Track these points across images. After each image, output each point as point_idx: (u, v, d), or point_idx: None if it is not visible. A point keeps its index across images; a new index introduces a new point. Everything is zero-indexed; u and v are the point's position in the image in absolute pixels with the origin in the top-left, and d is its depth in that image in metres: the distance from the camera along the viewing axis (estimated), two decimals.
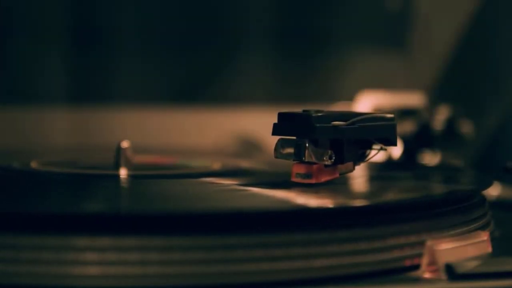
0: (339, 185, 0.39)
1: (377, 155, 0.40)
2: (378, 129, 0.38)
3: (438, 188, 0.44)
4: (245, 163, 0.51)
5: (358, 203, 0.36)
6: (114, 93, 0.74)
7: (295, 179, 0.38)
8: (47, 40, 0.72)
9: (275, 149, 0.38)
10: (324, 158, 0.37)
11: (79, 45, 0.73)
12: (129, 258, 0.29)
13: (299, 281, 0.30)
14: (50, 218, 0.30)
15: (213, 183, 0.41)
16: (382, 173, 0.49)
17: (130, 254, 0.29)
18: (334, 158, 0.37)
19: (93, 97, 0.73)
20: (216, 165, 0.48)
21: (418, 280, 0.31)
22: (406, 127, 0.57)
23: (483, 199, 0.40)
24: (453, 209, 0.36)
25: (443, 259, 0.32)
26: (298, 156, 0.37)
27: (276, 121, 0.38)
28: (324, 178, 0.38)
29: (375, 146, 0.39)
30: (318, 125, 0.36)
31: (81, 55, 0.73)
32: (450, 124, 0.58)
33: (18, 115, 0.71)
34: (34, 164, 0.48)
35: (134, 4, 0.75)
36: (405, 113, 0.59)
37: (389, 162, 0.55)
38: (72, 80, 0.72)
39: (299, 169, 0.37)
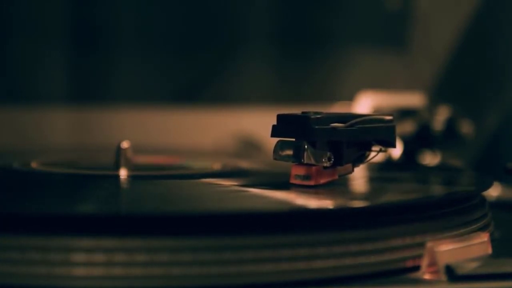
0: (339, 186, 0.39)
1: (376, 156, 0.40)
2: (377, 131, 0.38)
3: (438, 189, 0.44)
4: (245, 164, 0.51)
5: (358, 204, 0.36)
6: (114, 93, 0.74)
7: (294, 181, 0.38)
8: (47, 40, 0.72)
9: (274, 151, 0.38)
10: (323, 160, 0.37)
11: (79, 45, 0.73)
12: (126, 259, 0.29)
13: (298, 282, 0.30)
14: (50, 219, 0.30)
15: (212, 184, 0.41)
16: (382, 174, 0.49)
17: (129, 255, 0.29)
18: (333, 160, 0.37)
19: (93, 97, 0.73)
20: (216, 166, 0.48)
21: (418, 281, 0.31)
22: (406, 127, 0.57)
23: (483, 200, 0.40)
24: (453, 210, 0.36)
25: (443, 260, 0.32)
26: (297, 158, 0.37)
27: (275, 122, 0.38)
28: (323, 180, 0.38)
29: (374, 148, 0.39)
30: (316, 127, 0.36)
31: (81, 55, 0.73)
32: (450, 124, 0.58)
33: (18, 115, 0.71)
34: (34, 164, 0.48)
35: (134, 4, 0.75)
36: (405, 113, 0.58)
37: (389, 163, 0.55)
38: (72, 80, 0.73)
39: (298, 170, 0.37)
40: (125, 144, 0.45)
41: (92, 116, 0.73)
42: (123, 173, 0.44)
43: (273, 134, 0.38)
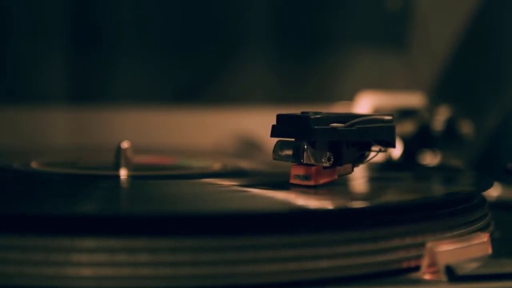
0: (339, 186, 0.39)
1: (376, 156, 0.40)
2: (377, 131, 0.38)
3: (438, 189, 0.44)
4: (245, 164, 0.51)
5: (358, 204, 0.36)
6: (114, 93, 0.74)
7: (293, 181, 0.38)
8: (47, 40, 0.72)
9: (274, 151, 0.38)
10: (323, 160, 0.37)
11: (79, 45, 0.73)
12: (127, 259, 0.29)
13: (298, 283, 0.30)
14: (51, 219, 0.30)
15: (212, 184, 0.41)
16: (382, 174, 0.49)
17: (128, 256, 0.29)
18: (332, 160, 0.37)
19: (93, 97, 0.73)
20: (216, 166, 0.48)
21: (418, 281, 0.31)
22: (406, 127, 0.57)
23: (483, 200, 0.40)
24: (453, 211, 0.36)
25: (443, 261, 0.32)
26: (296, 158, 0.37)
27: (275, 122, 0.38)
28: (322, 180, 0.38)
29: (373, 148, 0.39)
30: (316, 127, 0.36)
31: (81, 55, 0.73)
32: (450, 124, 0.58)
33: (18, 115, 0.71)
34: (34, 164, 0.48)
35: (134, 4, 0.75)
36: (405, 113, 0.58)
37: (389, 163, 0.55)
38: (72, 80, 0.73)
39: (297, 170, 0.37)
40: (125, 144, 0.45)
41: (92, 116, 0.73)
42: (123, 173, 0.44)
43: (273, 134, 0.38)
